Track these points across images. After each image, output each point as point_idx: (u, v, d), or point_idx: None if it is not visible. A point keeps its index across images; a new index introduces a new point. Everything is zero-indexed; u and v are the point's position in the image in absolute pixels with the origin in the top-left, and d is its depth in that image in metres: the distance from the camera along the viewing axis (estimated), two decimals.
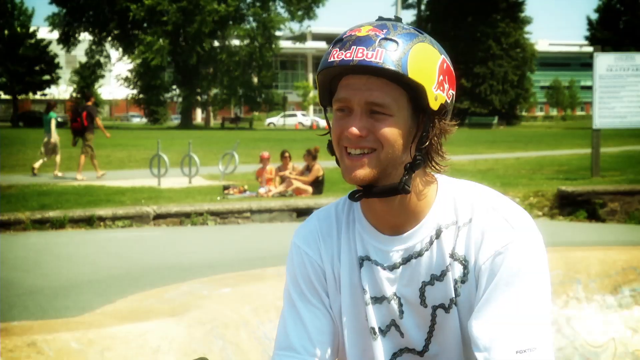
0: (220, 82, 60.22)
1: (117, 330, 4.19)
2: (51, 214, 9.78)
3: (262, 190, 12.93)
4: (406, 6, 70.32)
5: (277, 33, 60.72)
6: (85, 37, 61.45)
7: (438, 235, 1.66)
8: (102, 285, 6.07)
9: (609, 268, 5.93)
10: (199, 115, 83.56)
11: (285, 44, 67.30)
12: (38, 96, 70.62)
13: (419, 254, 1.67)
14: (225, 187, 13.22)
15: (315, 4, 59.99)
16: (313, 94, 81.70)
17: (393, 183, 1.62)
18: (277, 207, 10.92)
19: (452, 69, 1.65)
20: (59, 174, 16.54)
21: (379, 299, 1.72)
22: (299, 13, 60.07)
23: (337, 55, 1.58)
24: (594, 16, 67.75)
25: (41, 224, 9.63)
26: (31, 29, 65.67)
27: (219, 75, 59.78)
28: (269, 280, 5.43)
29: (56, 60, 66.44)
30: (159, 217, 10.28)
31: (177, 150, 21.33)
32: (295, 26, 63.55)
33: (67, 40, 60.40)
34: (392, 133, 1.58)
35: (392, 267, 1.69)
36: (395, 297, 1.70)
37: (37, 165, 16.91)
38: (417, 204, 1.67)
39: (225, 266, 6.73)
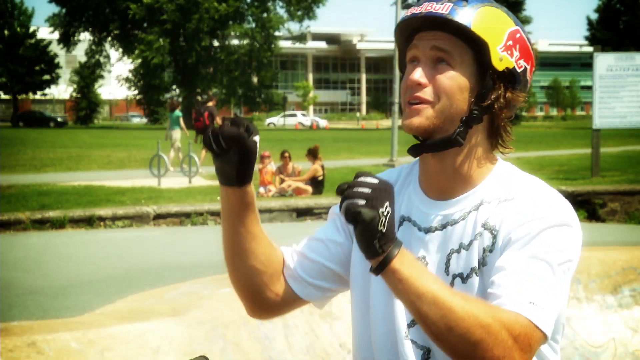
0: (219, 82, 60.18)
1: (117, 330, 4.18)
2: (51, 214, 9.78)
3: (262, 190, 12.94)
4: (406, 6, 70.35)
5: (277, 33, 60.66)
6: (85, 37, 61.42)
7: (477, 207, 1.67)
8: (102, 285, 6.07)
9: (609, 268, 5.93)
10: None
11: (285, 44, 67.27)
12: (38, 96, 70.66)
13: (455, 222, 1.68)
14: None
15: (315, 4, 59.93)
16: (313, 94, 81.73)
17: (447, 135, 1.63)
18: (277, 207, 10.92)
19: (529, 44, 1.66)
20: (171, 169, 17.18)
21: None
22: (299, 13, 60.01)
23: (411, 12, 1.65)
24: (594, 16, 67.74)
25: (41, 224, 9.63)
26: (31, 29, 65.72)
27: (219, 75, 59.73)
28: None
29: (56, 60, 66.48)
30: (159, 217, 10.28)
31: None
32: (294, 26, 63.54)
33: (67, 40, 60.37)
34: (451, 85, 1.61)
35: (428, 230, 1.70)
36: (423, 261, 1.69)
37: (180, 164, 17.77)
38: (470, 174, 1.68)
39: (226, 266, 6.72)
